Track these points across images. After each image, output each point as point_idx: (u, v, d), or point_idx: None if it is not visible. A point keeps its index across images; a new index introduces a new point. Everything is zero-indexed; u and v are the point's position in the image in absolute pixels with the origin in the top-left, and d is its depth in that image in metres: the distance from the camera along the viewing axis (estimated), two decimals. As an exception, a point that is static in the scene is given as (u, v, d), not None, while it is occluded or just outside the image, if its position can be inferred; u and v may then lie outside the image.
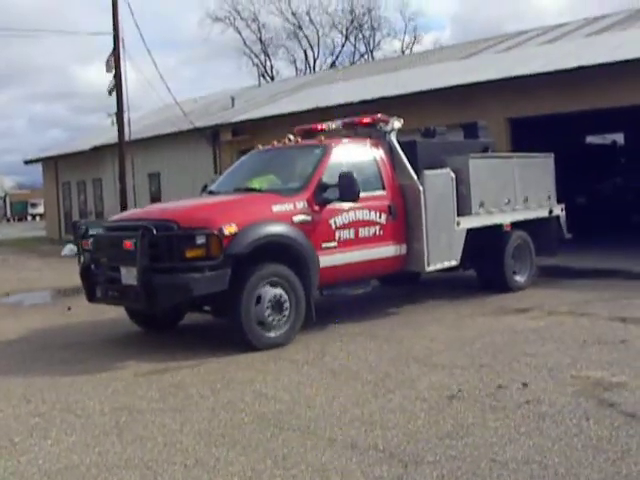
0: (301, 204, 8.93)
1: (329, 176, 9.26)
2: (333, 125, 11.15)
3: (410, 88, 18.44)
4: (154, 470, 4.87)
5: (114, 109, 23.79)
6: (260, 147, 11.12)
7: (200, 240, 8.04)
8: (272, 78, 55.32)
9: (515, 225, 11.60)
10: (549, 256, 12.56)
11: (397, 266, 10.10)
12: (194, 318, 9.93)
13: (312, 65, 58.10)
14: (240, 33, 57.65)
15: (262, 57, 58.66)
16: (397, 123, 10.49)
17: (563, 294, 11.01)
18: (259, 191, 9.41)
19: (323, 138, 10.16)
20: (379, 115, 10.62)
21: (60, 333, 10.09)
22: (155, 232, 8.17)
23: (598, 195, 19.94)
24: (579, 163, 19.44)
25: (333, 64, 56.17)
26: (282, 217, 8.68)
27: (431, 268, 10.21)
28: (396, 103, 18.11)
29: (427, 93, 17.61)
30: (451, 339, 8.29)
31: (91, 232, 9.60)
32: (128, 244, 8.35)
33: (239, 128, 23.63)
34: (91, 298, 9.26)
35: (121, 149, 24.01)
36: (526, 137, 16.60)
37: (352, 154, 9.93)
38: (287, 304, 8.52)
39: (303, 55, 58.70)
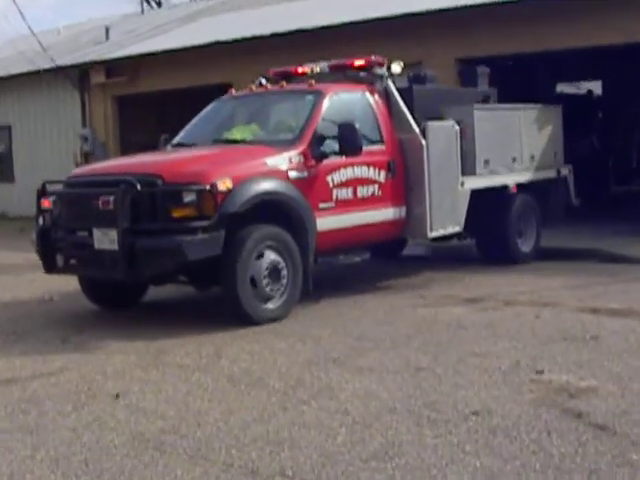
0: (297, 158, 9.71)
1: (323, 127, 10.07)
2: (317, 67, 11.77)
3: (332, 19, 18.42)
4: (-5, 507, 4.80)
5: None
6: (233, 92, 11.91)
7: (191, 197, 8.71)
8: (159, 4, 54.64)
9: (520, 187, 12.53)
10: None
11: (395, 232, 11.07)
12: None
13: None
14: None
15: (146, -23, 57.89)
16: (396, 67, 11.28)
17: (523, 280, 11.28)
18: (244, 142, 10.23)
19: (314, 82, 10.86)
20: (374, 57, 11.33)
21: None
22: (139, 188, 8.75)
23: (571, 158, 20.30)
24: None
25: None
26: (277, 173, 9.47)
27: (434, 234, 11.16)
28: (315, 38, 18.16)
29: (354, 25, 17.60)
30: (383, 337, 8.37)
31: (51, 189, 10.00)
32: (105, 202, 8.84)
33: (115, 67, 23.31)
34: (50, 268, 9.75)
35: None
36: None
37: (347, 102, 10.81)
38: (285, 272, 9.28)
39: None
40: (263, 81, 11.92)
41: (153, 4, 53.32)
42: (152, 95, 22.43)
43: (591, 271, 11.82)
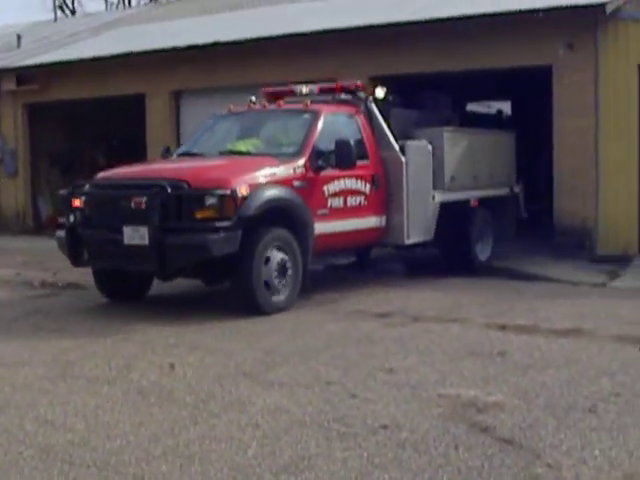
0: (299, 169, 10.94)
1: (319, 142, 11.38)
2: (305, 89, 13.04)
3: (250, 32, 18.47)
4: None
5: None
6: (232, 108, 12.91)
7: (213, 200, 9.88)
8: (73, 12, 54.05)
9: (480, 202, 13.95)
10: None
11: (376, 238, 12.31)
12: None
13: (127, -1, 57.09)
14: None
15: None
16: (380, 92, 12.69)
17: (432, 296, 11.47)
18: (249, 154, 11.43)
19: (309, 102, 12.10)
20: (359, 82, 12.88)
21: None
22: (169, 191, 9.82)
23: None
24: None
25: (153, -2, 55.44)
26: (284, 181, 10.68)
27: (410, 241, 12.38)
28: (231, 51, 18.20)
29: (270, 40, 17.69)
30: (292, 351, 8.42)
31: (80, 190, 10.94)
32: (138, 202, 9.97)
33: (26, 75, 22.94)
34: (77, 262, 10.77)
35: None
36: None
37: (338, 121, 12.11)
38: (289, 269, 10.49)
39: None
40: (253, 99, 13.02)
41: (67, 12, 52.82)
42: (64, 104, 22.15)
43: (498, 288, 12.08)
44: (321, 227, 11.00)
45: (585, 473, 5.10)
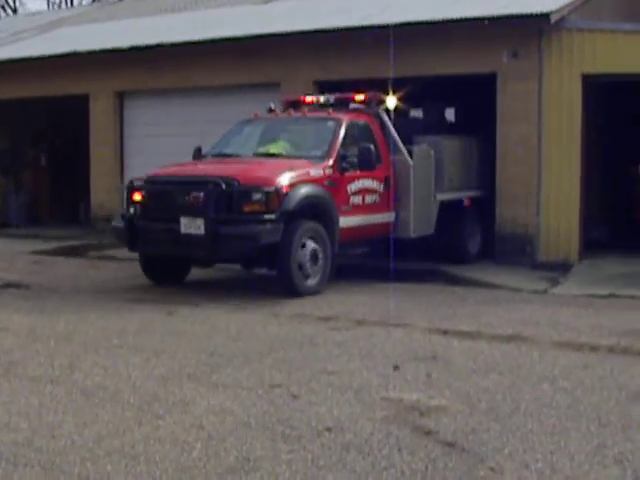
0: (328, 170, 12.46)
1: (342, 146, 12.85)
2: (322, 99, 14.43)
3: (194, 35, 18.44)
4: None
5: None
6: (258, 114, 14.46)
7: (260, 196, 11.35)
8: (14, 11, 53.45)
9: (471, 201, 15.42)
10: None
11: (387, 232, 13.45)
12: None
13: (70, -1, 56.54)
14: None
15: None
16: (391, 102, 13.92)
17: (375, 300, 11.55)
18: (281, 156, 12.84)
19: (331, 111, 13.76)
20: (372, 93, 13.97)
21: None
22: (223, 187, 11.30)
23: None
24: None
25: (96, -2, 54.96)
26: (317, 180, 12.21)
27: (415, 235, 13.71)
28: (175, 53, 18.18)
29: (214, 43, 17.64)
30: (236, 353, 8.45)
31: (138, 184, 12.36)
32: (195, 197, 11.46)
33: (-33, 73, 22.69)
34: (133, 247, 12.35)
35: None
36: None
37: (357, 128, 13.51)
38: (320, 257, 11.94)
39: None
40: (272, 106, 14.46)
41: (9, 11, 52.23)
42: (7, 103, 21.85)
43: (441, 293, 12.23)
44: (344, 221, 12.50)
45: (527, 477, 5.19)
